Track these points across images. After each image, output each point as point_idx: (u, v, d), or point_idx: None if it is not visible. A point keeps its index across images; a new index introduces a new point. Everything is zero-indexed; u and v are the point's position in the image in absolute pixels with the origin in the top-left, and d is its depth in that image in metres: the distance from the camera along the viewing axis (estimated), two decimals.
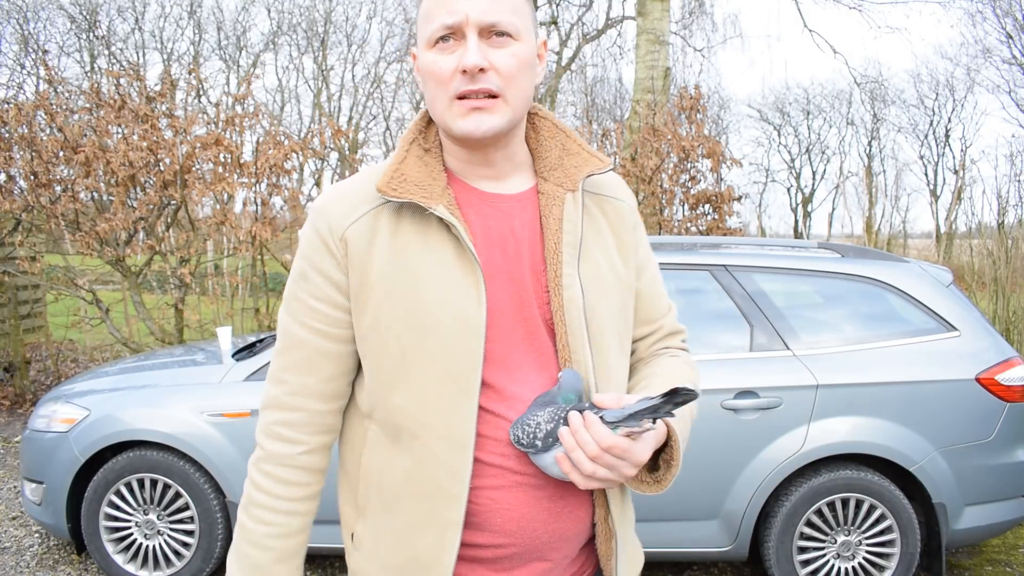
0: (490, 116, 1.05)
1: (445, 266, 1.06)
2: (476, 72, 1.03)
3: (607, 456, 0.98)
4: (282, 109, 26.89)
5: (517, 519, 1.07)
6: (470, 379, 1.04)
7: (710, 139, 7.07)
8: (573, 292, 1.09)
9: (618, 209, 1.21)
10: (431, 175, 1.10)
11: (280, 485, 1.13)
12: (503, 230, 1.11)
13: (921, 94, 27.61)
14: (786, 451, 3.12)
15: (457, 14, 1.03)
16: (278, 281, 7.78)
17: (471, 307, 1.05)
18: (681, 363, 1.25)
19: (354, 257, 1.08)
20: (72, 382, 3.80)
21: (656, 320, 1.27)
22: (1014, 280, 6.36)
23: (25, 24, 21.07)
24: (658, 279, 1.28)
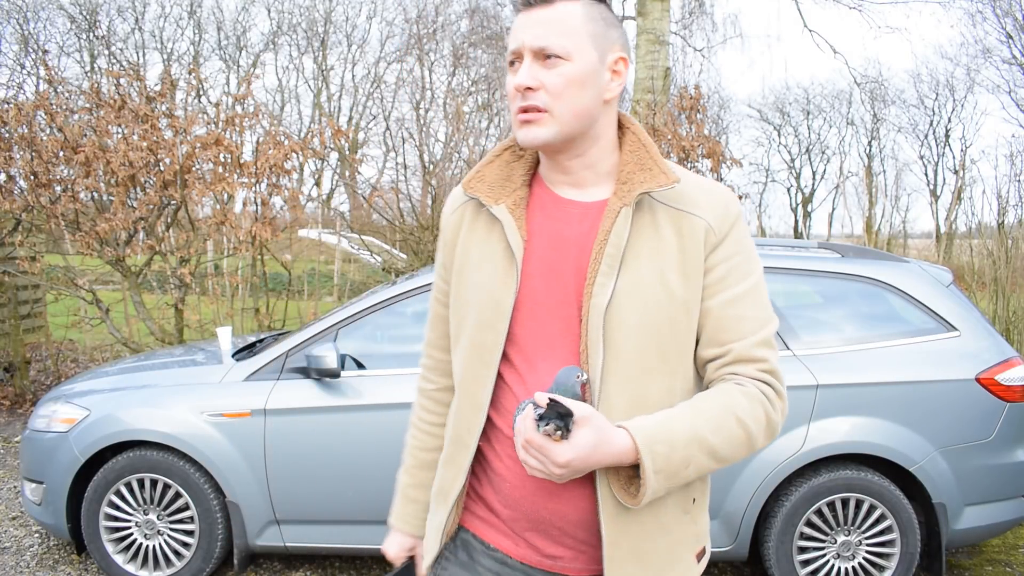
0: (537, 128, 1.20)
1: (493, 256, 1.26)
2: (524, 90, 1.19)
3: (531, 449, 1.10)
4: (282, 109, 26.90)
5: (520, 489, 1.23)
6: (493, 354, 1.24)
7: (710, 139, 7.07)
8: (599, 300, 1.18)
9: (693, 226, 1.22)
10: (510, 178, 1.30)
11: (421, 410, 1.48)
12: (563, 233, 1.24)
13: (921, 94, 27.63)
14: (786, 451, 3.12)
15: (517, 42, 1.21)
16: (278, 281, 7.78)
17: (504, 293, 1.23)
18: (725, 393, 1.19)
19: (448, 242, 1.36)
20: (72, 382, 3.80)
21: (725, 343, 1.22)
22: (1014, 280, 6.36)
23: (25, 24, 21.08)
24: (743, 301, 1.22)
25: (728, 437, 1.17)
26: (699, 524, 1.30)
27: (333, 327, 3.46)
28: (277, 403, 3.31)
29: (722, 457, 1.18)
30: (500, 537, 1.28)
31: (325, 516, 3.31)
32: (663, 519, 1.23)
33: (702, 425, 1.16)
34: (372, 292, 3.78)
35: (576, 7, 1.20)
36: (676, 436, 1.14)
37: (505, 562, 1.28)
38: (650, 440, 1.12)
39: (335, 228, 9.42)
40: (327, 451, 3.27)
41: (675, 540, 1.25)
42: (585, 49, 1.19)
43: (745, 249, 1.25)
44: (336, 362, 3.21)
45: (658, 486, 1.14)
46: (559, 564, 1.25)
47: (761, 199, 28.59)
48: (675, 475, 1.15)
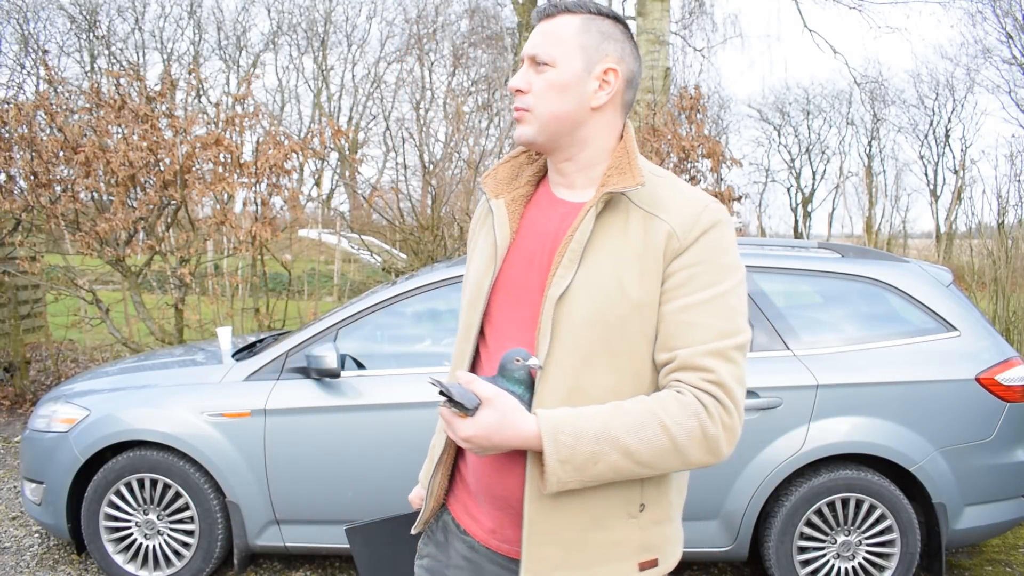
0: (522, 126, 1.32)
1: (486, 245, 1.38)
2: (514, 91, 1.32)
3: (443, 419, 1.23)
4: (282, 109, 26.90)
5: (478, 460, 1.32)
6: (472, 331, 1.36)
7: (710, 139, 7.07)
8: (555, 291, 1.25)
9: (656, 229, 1.24)
10: (518, 176, 1.41)
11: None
12: (547, 228, 1.33)
13: (921, 94, 27.65)
14: (786, 451, 3.12)
15: (524, 49, 1.32)
16: (278, 281, 7.78)
17: (485, 277, 1.35)
18: (657, 398, 1.20)
19: (470, 236, 1.50)
20: (72, 382, 3.80)
21: (673, 349, 1.21)
22: (1014, 280, 6.36)
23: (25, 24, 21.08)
24: (698, 309, 1.21)
25: (649, 442, 1.17)
26: (649, 533, 1.28)
27: (333, 327, 3.46)
28: (277, 403, 3.31)
29: (643, 461, 1.18)
30: (471, 521, 1.37)
31: (325, 516, 3.31)
32: (597, 514, 1.24)
33: (618, 424, 1.17)
34: (372, 292, 3.78)
35: (575, 20, 1.29)
36: (585, 429, 1.17)
37: (473, 547, 1.36)
38: (554, 429, 1.17)
39: (335, 228, 9.42)
40: (327, 451, 3.27)
41: (612, 540, 1.25)
42: (571, 58, 1.28)
43: (714, 259, 1.23)
44: (336, 362, 3.21)
45: (565, 476, 1.17)
46: (516, 549, 1.29)
47: (761, 199, 28.64)
48: (583, 468, 1.17)
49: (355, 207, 11.38)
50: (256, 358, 3.49)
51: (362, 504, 3.24)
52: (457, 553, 1.38)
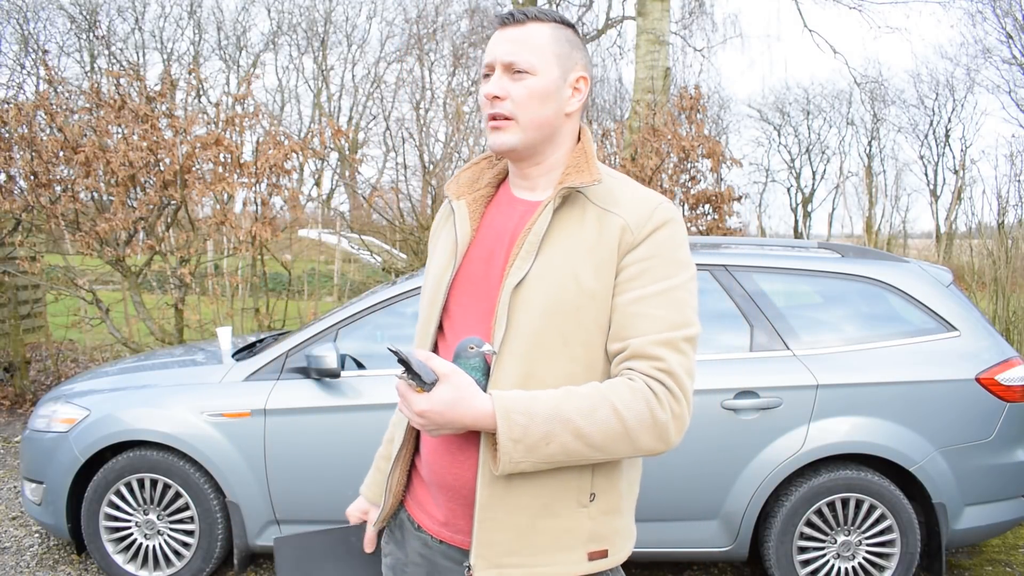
0: (503, 134, 1.33)
1: (447, 243, 1.43)
2: (492, 99, 1.32)
3: (398, 394, 1.24)
4: (282, 109, 26.90)
5: (432, 448, 1.35)
6: (432, 325, 1.39)
7: (710, 139, 7.07)
8: (511, 280, 1.29)
9: (610, 224, 1.30)
10: (479, 179, 1.46)
11: None
12: (506, 226, 1.38)
13: (921, 94, 27.64)
14: (786, 451, 3.12)
15: (491, 56, 1.34)
16: (278, 281, 7.78)
17: (445, 273, 1.39)
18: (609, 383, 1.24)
19: (430, 238, 1.53)
20: (72, 382, 3.80)
21: (625, 339, 1.26)
22: (1014, 280, 6.35)
23: (25, 24, 21.08)
24: (649, 301, 1.26)
25: (600, 425, 1.20)
26: (599, 523, 1.31)
27: (333, 327, 3.46)
28: (277, 403, 3.31)
29: (595, 444, 1.21)
30: (424, 516, 1.40)
31: (325, 516, 3.31)
32: (548, 501, 1.27)
33: (571, 407, 1.21)
34: (372, 292, 3.78)
35: (545, 28, 1.33)
36: (537, 410, 1.20)
37: (427, 543, 1.39)
38: (508, 409, 1.20)
39: (335, 228, 9.42)
40: (327, 451, 3.27)
41: (562, 527, 1.28)
42: (549, 66, 1.32)
43: (666, 254, 1.28)
44: (336, 362, 3.21)
45: (517, 456, 1.20)
46: (468, 540, 1.32)
47: (761, 199, 28.63)
48: (535, 448, 1.20)
49: (355, 207, 11.38)
50: (256, 358, 3.49)
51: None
52: (413, 550, 1.41)
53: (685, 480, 3.14)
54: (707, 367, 3.09)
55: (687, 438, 3.13)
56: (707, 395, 3.08)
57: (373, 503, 1.58)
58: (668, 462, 3.10)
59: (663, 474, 3.08)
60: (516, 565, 1.27)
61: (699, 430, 3.08)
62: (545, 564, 1.28)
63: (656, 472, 2.79)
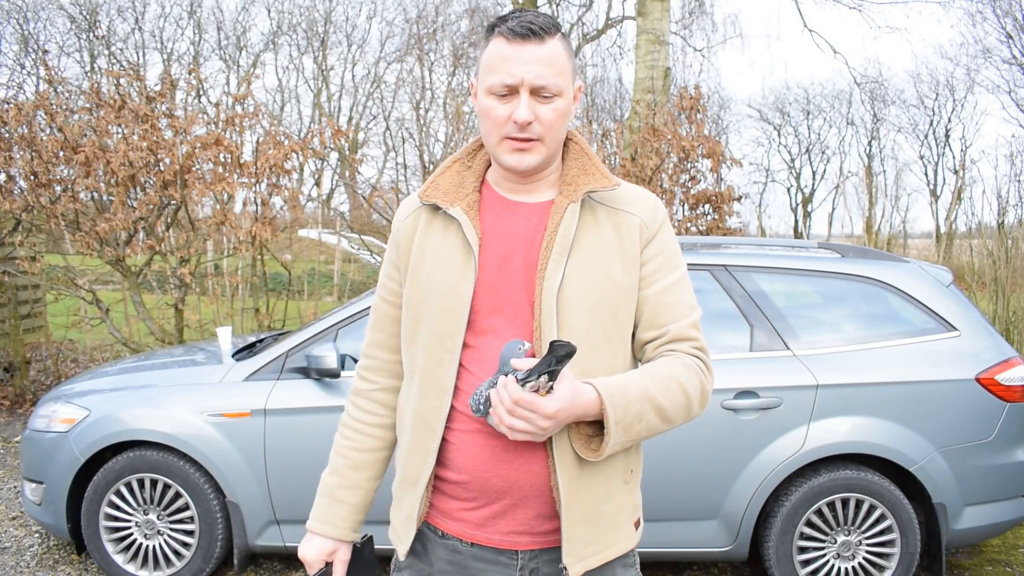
0: (531, 155, 1.34)
1: (451, 252, 1.37)
2: (525, 125, 1.31)
3: (519, 409, 1.18)
4: (282, 109, 26.90)
5: (473, 459, 1.32)
6: (455, 340, 1.34)
7: (710, 139, 7.07)
8: (552, 283, 1.31)
9: (628, 223, 1.38)
10: (462, 184, 1.42)
11: (357, 411, 1.53)
12: (513, 230, 1.37)
13: (921, 94, 27.63)
14: (786, 451, 3.12)
15: (515, 77, 1.29)
16: (278, 281, 7.78)
17: (463, 284, 1.34)
18: (667, 363, 1.34)
19: (402, 245, 1.45)
20: (72, 382, 3.80)
21: (663, 325, 1.37)
22: (1014, 280, 6.35)
23: (25, 24, 21.08)
24: (674, 289, 1.39)
25: (673, 398, 1.30)
26: (635, 495, 1.43)
27: (333, 327, 3.46)
28: (277, 403, 3.31)
29: (668, 416, 1.31)
30: (452, 523, 1.38)
31: None
32: (609, 485, 1.35)
33: (651, 385, 1.29)
34: (372, 292, 3.78)
35: (561, 44, 1.33)
36: (631, 392, 1.27)
37: (456, 548, 1.38)
38: (611, 393, 1.25)
39: (335, 228, 9.42)
40: (327, 451, 3.24)
41: (618, 506, 1.38)
42: (569, 84, 1.35)
43: (672, 246, 1.42)
44: (336, 362, 3.21)
45: (618, 438, 1.26)
46: (508, 539, 1.34)
47: (761, 199, 28.62)
48: (630, 428, 1.26)
49: (355, 207, 11.38)
50: (256, 358, 3.49)
51: None
52: (439, 559, 1.40)
53: (685, 480, 3.14)
54: None
55: (687, 438, 3.13)
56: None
57: (336, 539, 1.49)
58: (668, 462, 3.11)
59: (663, 474, 3.08)
60: (593, 553, 1.33)
61: (699, 430, 3.08)
62: (611, 545, 1.36)
63: (656, 472, 2.79)
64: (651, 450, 2.32)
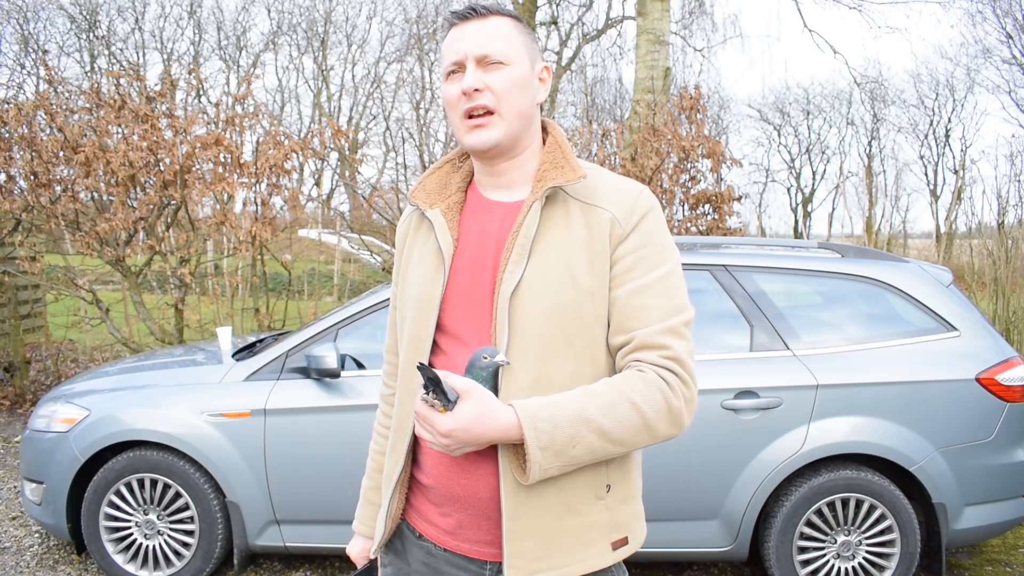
0: (488, 130, 1.30)
1: (427, 256, 1.38)
2: (472, 92, 1.29)
3: (420, 419, 1.21)
4: (282, 109, 26.89)
5: (438, 466, 1.32)
6: (425, 343, 1.34)
7: (710, 139, 7.07)
8: (507, 286, 1.28)
9: (600, 218, 1.30)
10: (447, 185, 1.42)
11: (381, 415, 1.58)
12: (487, 231, 1.35)
13: (921, 94, 27.60)
14: (786, 451, 3.12)
15: (459, 53, 1.31)
16: (278, 281, 7.78)
17: (433, 288, 1.34)
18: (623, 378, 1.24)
19: (399, 249, 1.48)
20: (72, 382, 3.80)
21: (630, 331, 1.27)
22: (1014, 280, 6.35)
23: (25, 24, 21.07)
24: (649, 291, 1.28)
25: (621, 420, 1.21)
26: (617, 513, 1.33)
27: (333, 327, 3.46)
28: (277, 403, 3.31)
29: (616, 439, 1.22)
30: (427, 525, 1.38)
31: (325, 516, 3.31)
32: (569, 500, 1.28)
33: (592, 406, 1.21)
34: (372, 292, 3.78)
35: (507, 21, 1.33)
36: (560, 414, 1.20)
37: (430, 551, 1.38)
38: (532, 417, 1.19)
39: (335, 228, 9.41)
40: (327, 451, 3.27)
41: (585, 523, 1.29)
42: (521, 57, 1.32)
43: (655, 242, 1.31)
44: (336, 362, 3.21)
45: (546, 463, 1.20)
46: (476, 548, 1.32)
47: (761, 199, 28.61)
48: (562, 453, 1.20)
49: (355, 207, 11.37)
50: (256, 358, 3.49)
51: None
52: (415, 559, 1.40)
53: (685, 480, 3.14)
54: (707, 367, 3.08)
55: (687, 438, 3.12)
56: (707, 395, 3.07)
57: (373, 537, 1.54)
58: (668, 462, 3.11)
59: (663, 474, 3.08)
60: (548, 569, 1.27)
61: (699, 430, 3.08)
62: (574, 562, 1.28)
63: (656, 472, 2.79)
64: (651, 450, 2.33)
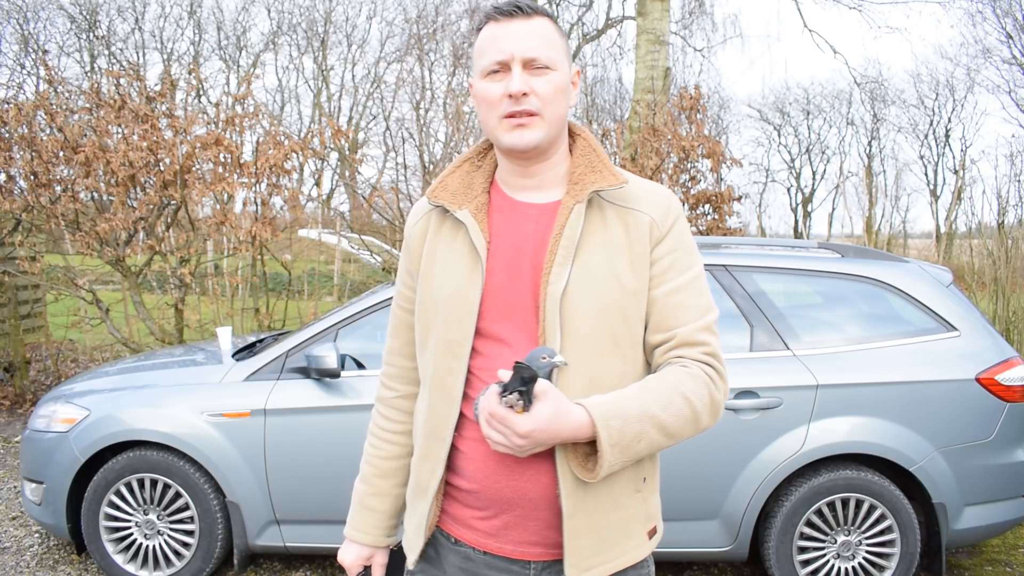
0: (530, 131, 1.29)
1: (459, 257, 1.34)
2: (520, 96, 1.28)
3: (494, 422, 1.18)
4: (282, 109, 26.90)
5: (483, 469, 1.30)
6: (463, 347, 1.31)
7: (710, 139, 7.07)
8: (555, 288, 1.27)
9: (637, 221, 1.33)
10: (471, 185, 1.39)
11: (381, 419, 1.53)
12: (521, 233, 1.34)
13: (921, 94, 27.60)
14: (786, 451, 3.12)
15: (505, 53, 1.29)
16: (278, 281, 7.77)
17: (470, 291, 1.31)
18: (672, 373, 1.28)
19: (414, 250, 1.43)
20: (72, 382, 3.80)
21: (671, 329, 1.31)
22: (1014, 280, 6.35)
23: (25, 24, 21.08)
24: (685, 290, 1.33)
25: (676, 414, 1.25)
26: (650, 503, 1.39)
27: (333, 327, 3.46)
28: (277, 403, 3.31)
29: (671, 432, 1.26)
30: (464, 530, 1.36)
31: (325, 516, 3.31)
32: (616, 495, 1.31)
33: (652, 402, 1.24)
34: (372, 292, 3.78)
35: (550, 24, 1.32)
36: (628, 411, 1.22)
37: (469, 556, 1.36)
38: (605, 415, 1.20)
39: (335, 228, 9.41)
40: (327, 451, 3.27)
41: (627, 516, 1.34)
42: (563, 61, 1.32)
43: (685, 244, 1.36)
44: (336, 362, 3.21)
45: (614, 459, 1.22)
46: (519, 549, 1.32)
47: (761, 199, 28.61)
48: (628, 448, 1.22)
49: (355, 207, 11.37)
50: (256, 358, 3.49)
51: None
52: (452, 564, 1.38)
53: (685, 480, 3.14)
54: None
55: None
56: None
57: (370, 545, 1.52)
58: (668, 462, 3.10)
59: (663, 474, 3.07)
60: (600, 564, 1.30)
61: None
62: (619, 555, 1.32)
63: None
64: None
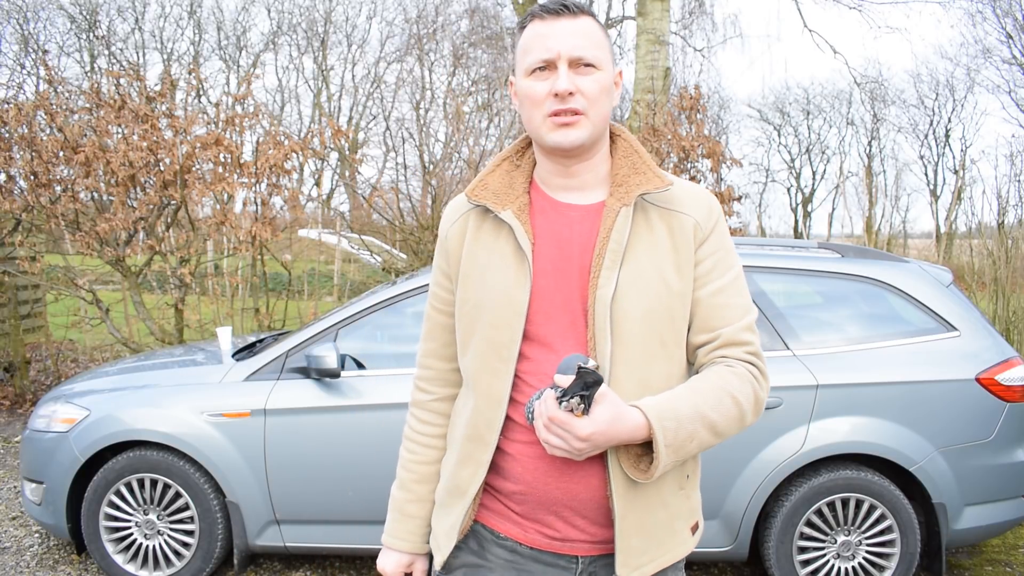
0: (575, 130, 1.28)
1: (504, 259, 1.33)
2: (566, 95, 1.27)
3: (553, 426, 1.17)
4: (282, 109, 26.90)
5: (532, 471, 1.30)
6: (510, 350, 1.30)
7: (710, 139, 7.07)
8: (605, 292, 1.27)
9: (682, 224, 1.34)
10: (512, 185, 1.38)
11: (418, 422, 1.50)
12: (566, 234, 1.33)
13: (921, 94, 27.60)
14: (786, 451, 3.12)
15: (552, 51, 1.28)
16: (278, 281, 7.77)
17: (518, 293, 1.30)
18: (718, 373, 1.30)
19: (452, 251, 1.41)
20: (72, 382, 3.80)
21: (715, 329, 1.33)
22: (1014, 280, 6.35)
23: (25, 24, 21.08)
24: (728, 291, 1.34)
25: (725, 413, 1.27)
26: (692, 500, 1.41)
27: (333, 327, 3.46)
28: (277, 403, 3.31)
29: (720, 432, 1.28)
30: (510, 525, 1.35)
31: (325, 516, 3.31)
32: (663, 494, 1.33)
33: (702, 402, 1.25)
34: (372, 292, 3.78)
35: (594, 23, 1.32)
36: (681, 412, 1.23)
37: (515, 550, 1.35)
38: (660, 416, 1.21)
39: (335, 228, 9.41)
40: (327, 451, 3.27)
41: (673, 514, 1.35)
42: (608, 62, 1.32)
43: (727, 245, 1.38)
44: (336, 362, 3.21)
45: (668, 460, 1.23)
46: (567, 545, 1.33)
47: (761, 199, 28.63)
48: (681, 448, 1.23)
49: (355, 207, 11.36)
50: (256, 358, 3.49)
51: (362, 504, 3.24)
52: (496, 556, 1.37)
53: None
54: None
55: None
56: None
57: (411, 552, 1.50)
58: None
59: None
60: (649, 562, 1.32)
61: None
62: (666, 552, 1.34)
63: None
64: None
